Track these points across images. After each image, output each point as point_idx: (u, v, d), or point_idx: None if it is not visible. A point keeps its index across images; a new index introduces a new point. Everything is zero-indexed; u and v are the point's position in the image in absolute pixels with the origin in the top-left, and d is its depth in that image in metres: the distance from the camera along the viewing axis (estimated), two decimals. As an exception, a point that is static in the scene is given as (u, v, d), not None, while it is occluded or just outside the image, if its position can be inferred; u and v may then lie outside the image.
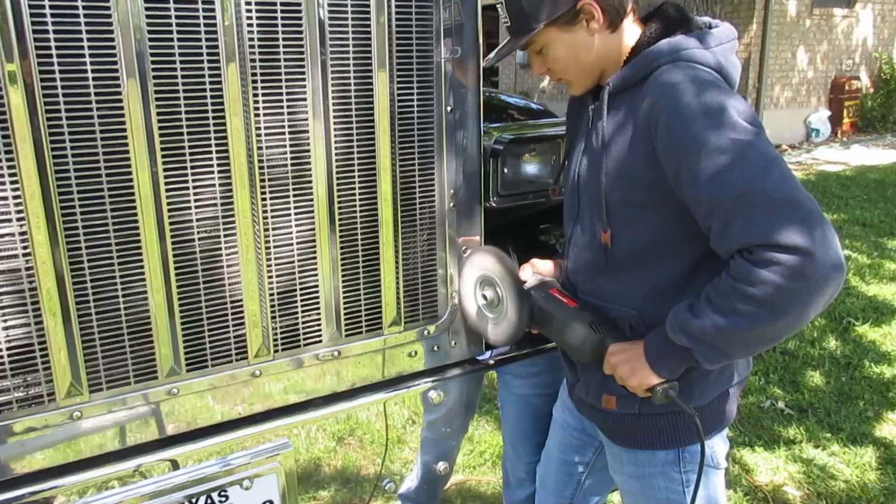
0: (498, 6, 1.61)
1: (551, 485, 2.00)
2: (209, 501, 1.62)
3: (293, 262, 1.64)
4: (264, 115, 1.53)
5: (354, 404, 1.79)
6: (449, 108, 1.75)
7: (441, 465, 1.99)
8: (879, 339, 4.48)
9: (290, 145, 1.57)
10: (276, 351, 1.65)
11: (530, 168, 2.01)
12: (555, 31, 1.54)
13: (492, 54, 1.69)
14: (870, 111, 13.88)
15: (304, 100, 1.57)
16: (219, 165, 1.50)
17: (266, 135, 1.54)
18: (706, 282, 1.40)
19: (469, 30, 1.76)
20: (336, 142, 1.62)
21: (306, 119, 1.58)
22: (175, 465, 1.60)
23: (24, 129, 1.30)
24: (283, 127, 1.56)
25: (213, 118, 1.48)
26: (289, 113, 1.56)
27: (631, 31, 1.56)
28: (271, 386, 1.68)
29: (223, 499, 1.64)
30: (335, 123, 1.62)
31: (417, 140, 1.74)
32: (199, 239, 1.52)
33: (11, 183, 1.33)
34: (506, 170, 1.95)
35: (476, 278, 1.80)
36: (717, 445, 1.67)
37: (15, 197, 1.34)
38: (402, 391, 1.85)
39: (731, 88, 1.49)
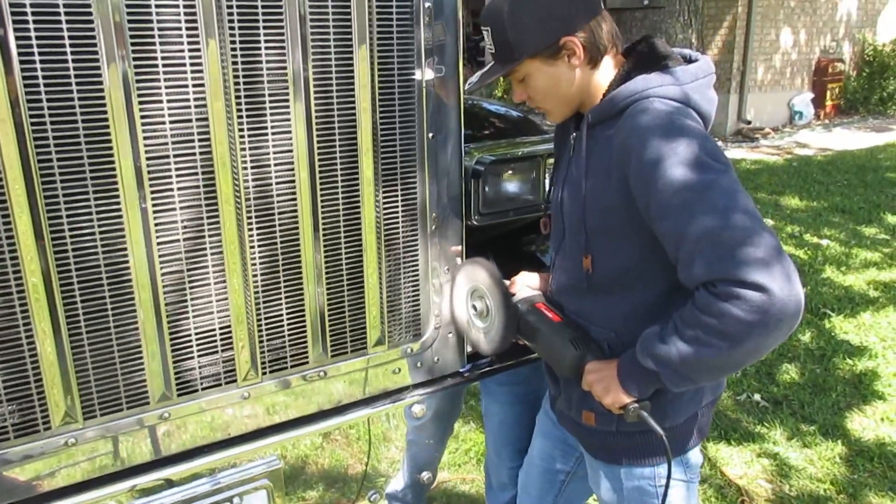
0: (484, 32, 1.65)
1: (533, 490, 2.08)
2: (201, 519, 1.69)
3: (279, 286, 1.68)
4: (250, 147, 1.57)
5: (340, 421, 1.85)
6: (431, 135, 1.79)
7: (425, 475, 2.07)
8: (853, 331, 4.60)
9: (275, 171, 1.61)
10: (264, 373, 1.71)
11: (511, 186, 2.06)
12: (538, 63, 1.59)
13: (474, 78, 1.73)
14: (853, 93, 13.99)
15: (289, 131, 1.60)
16: (206, 193, 1.54)
17: (252, 165, 1.58)
18: (681, 306, 1.47)
19: (451, 50, 1.80)
20: (320, 169, 1.67)
21: (291, 148, 1.61)
22: (168, 484, 1.65)
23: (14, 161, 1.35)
24: (267, 152, 1.60)
25: (201, 153, 1.52)
26: (273, 141, 1.60)
27: (611, 67, 1.61)
28: (260, 407, 1.74)
29: (215, 516, 1.70)
30: (319, 150, 1.65)
31: (400, 165, 1.78)
32: (188, 269, 1.56)
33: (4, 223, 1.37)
34: (487, 189, 2.00)
35: (467, 289, 1.87)
36: (692, 459, 1.75)
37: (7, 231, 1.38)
38: (386, 406, 1.92)
39: (704, 124, 1.55)
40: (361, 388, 1.88)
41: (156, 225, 1.50)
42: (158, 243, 1.51)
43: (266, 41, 1.54)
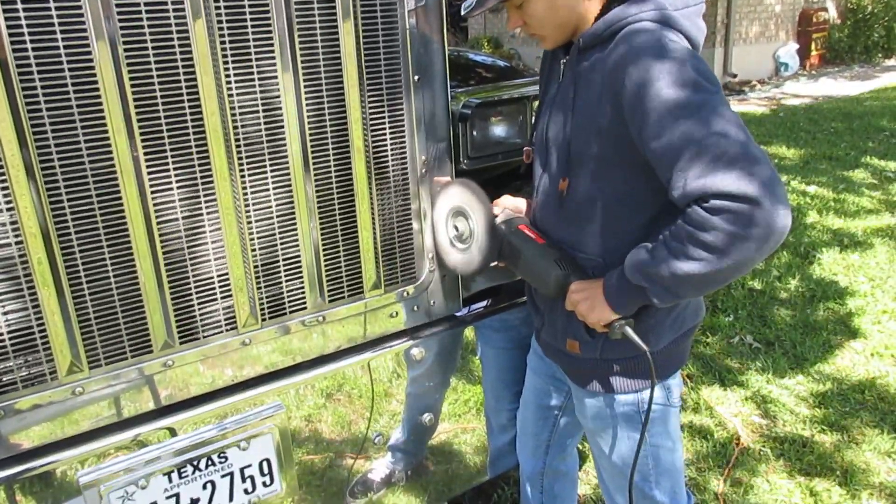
0: None
1: (530, 428, 2.13)
2: (210, 463, 1.72)
3: (274, 233, 1.71)
4: (240, 110, 1.58)
5: (340, 365, 1.89)
6: (417, 78, 1.81)
7: (427, 417, 2.11)
8: (843, 272, 4.66)
9: (265, 120, 1.63)
10: (263, 319, 1.74)
11: (498, 130, 2.08)
12: None
13: (471, 3, 1.72)
14: (837, 42, 13.97)
15: (275, 77, 1.61)
16: (196, 142, 1.56)
17: (241, 112, 1.59)
18: None
19: None
20: (309, 117, 1.68)
21: (278, 95, 1.63)
22: (173, 432, 1.69)
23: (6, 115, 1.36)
24: (255, 100, 1.61)
25: (189, 101, 1.53)
26: (261, 88, 1.61)
27: None
28: (261, 352, 1.77)
29: (223, 460, 1.74)
30: (307, 99, 1.67)
31: (387, 109, 1.80)
32: (183, 217, 1.58)
33: (-2, 175, 1.38)
34: (475, 133, 2.02)
35: (449, 209, 1.88)
36: (673, 385, 1.80)
37: (3, 188, 1.39)
38: (385, 350, 1.95)
39: (694, 50, 1.57)
40: (360, 333, 1.91)
41: (148, 173, 1.51)
42: (152, 192, 1.53)
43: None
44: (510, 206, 1.88)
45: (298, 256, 1.75)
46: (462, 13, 1.72)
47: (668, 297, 1.50)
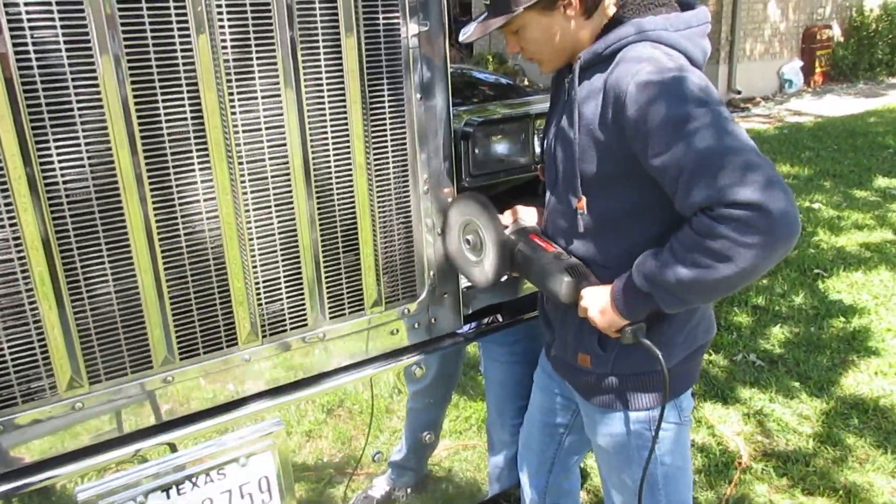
0: None
1: (534, 445, 2.12)
2: (208, 480, 1.72)
3: (275, 249, 1.71)
4: (242, 126, 1.59)
5: (341, 382, 1.89)
6: (419, 96, 1.81)
7: (427, 435, 2.10)
8: (846, 290, 4.65)
9: (267, 136, 1.63)
10: (264, 336, 1.74)
11: (500, 148, 2.08)
12: (534, 14, 1.62)
13: (468, 29, 1.73)
14: (842, 60, 13.97)
15: (278, 93, 1.62)
16: (199, 159, 1.57)
17: (245, 142, 1.60)
18: None
19: (435, 8, 1.81)
20: (311, 133, 1.69)
21: (281, 111, 1.63)
22: (173, 448, 1.69)
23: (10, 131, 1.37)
24: (258, 116, 1.61)
25: (192, 116, 1.54)
26: (263, 104, 1.61)
27: (605, 15, 1.63)
28: (261, 369, 1.77)
29: (221, 477, 1.73)
30: (309, 115, 1.67)
31: (389, 128, 1.80)
32: (184, 232, 1.59)
33: (2, 192, 1.39)
34: (476, 151, 2.02)
35: (460, 223, 1.89)
36: (684, 403, 1.79)
37: (7, 205, 1.40)
38: (386, 367, 1.95)
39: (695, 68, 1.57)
40: (360, 350, 1.91)
41: (151, 188, 1.52)
42: (154, 206, 1.53)
43: None
44: (521, 215, 1.89)
45: (299, 273, 1.75)
46: (460, 40, 1.74)
47: (674, 303, 1.50)
